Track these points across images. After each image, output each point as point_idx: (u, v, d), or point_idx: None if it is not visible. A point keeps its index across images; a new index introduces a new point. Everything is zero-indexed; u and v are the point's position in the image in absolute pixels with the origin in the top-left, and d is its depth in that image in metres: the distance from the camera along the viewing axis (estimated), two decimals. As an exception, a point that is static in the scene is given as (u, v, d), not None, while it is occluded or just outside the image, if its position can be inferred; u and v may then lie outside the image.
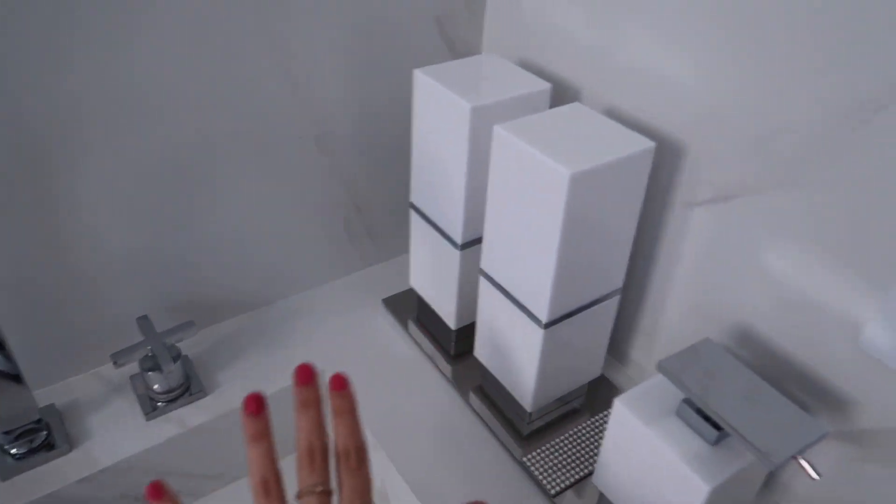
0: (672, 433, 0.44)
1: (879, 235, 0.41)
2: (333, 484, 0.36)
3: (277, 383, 0.61)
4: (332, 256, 0.72)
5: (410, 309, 0.70)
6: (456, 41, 0.67)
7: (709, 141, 0.50)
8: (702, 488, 0.41)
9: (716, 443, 0.43)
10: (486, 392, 0.62)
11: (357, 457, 0.36)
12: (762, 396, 0.43)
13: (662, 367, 0.44)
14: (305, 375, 0.37)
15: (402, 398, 0.61)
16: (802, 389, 0.49)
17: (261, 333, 0.66)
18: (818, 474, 0.39)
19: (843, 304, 0.45)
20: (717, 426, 0.43)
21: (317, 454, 0.36)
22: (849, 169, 0.42)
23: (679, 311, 0.57)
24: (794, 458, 0.39)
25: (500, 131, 0.48)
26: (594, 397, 0.62)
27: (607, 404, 0.61)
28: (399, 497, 0.56)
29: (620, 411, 0.46)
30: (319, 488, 0.35)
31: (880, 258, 0.42)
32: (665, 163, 0.53)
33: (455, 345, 0.65)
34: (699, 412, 0.43)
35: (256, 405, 0.36)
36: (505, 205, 0.50)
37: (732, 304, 0.52)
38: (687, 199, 0.52)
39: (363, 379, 0.62)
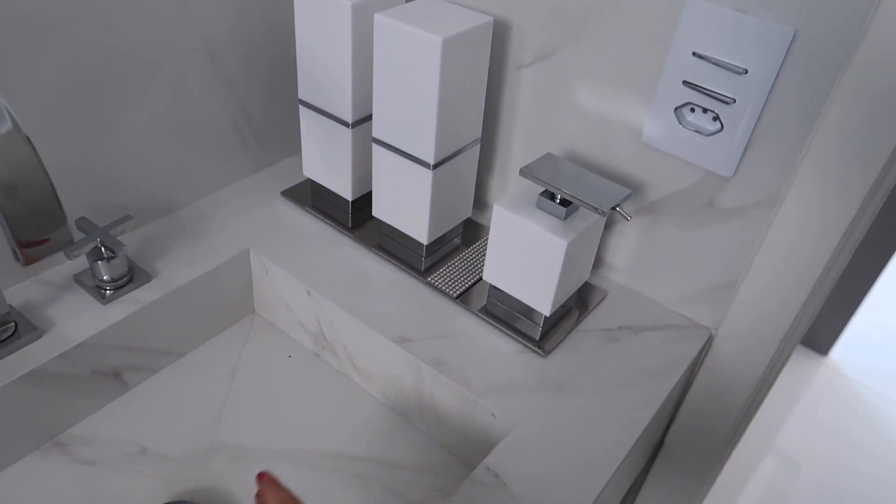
0: (536, 217, 0.62)
1: (640, 64, 0.62)
2: None
3: (210, 265, 0.71)
4: (229, 162, 0.82)
5: (306, 198, 0.83)
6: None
7: (524, 16, 0.68)
8: (561, 244, 0.60)
9: (565, 218, 0.62)
10: (385, 247, 0.77)
11: None
12: (589, 179, 0.62)
13: (523, 171, 0.62)
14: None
15: (319, 258, 0.74)
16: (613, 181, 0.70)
17: (179, 231, 0.75)
18: (629, 217, 0.60)
19: (628, 116, 0.66)
20: (565, 204, 0.62)
21: None
22: (616, 22, 0.62)
23: (522, 151, 0.76)
24: (614, 208, 0.60)
25: (380, 18, 0.63)
26: (468, 236, 0.80)
27: (479, 237, 0.79)
28: (336, 324, 0.70)
29: (499, 212, 0.64)
30: None
31: (645, 79, 0.63)
32: (498, 37, 0.71)
33: (352, 217, 0.79)
34: (552, 198, 0.62)
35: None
36: (390, 79, 0.65)
37: (559, 136, 0.72)
38: (517, 63, 0.71)
39: (280, 250, 0.74)
